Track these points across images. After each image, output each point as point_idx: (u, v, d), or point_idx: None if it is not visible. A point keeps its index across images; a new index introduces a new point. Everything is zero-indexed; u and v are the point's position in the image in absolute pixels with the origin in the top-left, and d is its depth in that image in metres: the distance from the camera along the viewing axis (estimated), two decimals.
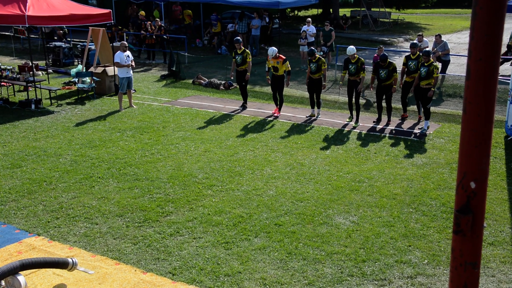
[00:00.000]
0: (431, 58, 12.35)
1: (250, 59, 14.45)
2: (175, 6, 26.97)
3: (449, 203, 8.50)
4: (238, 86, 15.10)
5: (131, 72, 14.55)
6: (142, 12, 23.94)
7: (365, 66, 13.00)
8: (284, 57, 13.82)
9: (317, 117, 13.58)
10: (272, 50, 13.72)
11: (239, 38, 14.91)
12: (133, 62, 14.68)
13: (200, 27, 27.07)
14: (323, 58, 13.47)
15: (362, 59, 12.94)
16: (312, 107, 13.77)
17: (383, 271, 6.54)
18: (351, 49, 12.78)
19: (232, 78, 15.27)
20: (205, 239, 7.31)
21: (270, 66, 13.89)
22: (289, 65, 13.73)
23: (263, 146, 11.34)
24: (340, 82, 13.63)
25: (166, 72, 19.15)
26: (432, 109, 13.44)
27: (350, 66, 12.83)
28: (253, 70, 19.30)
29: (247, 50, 14.54)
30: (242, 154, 10.80)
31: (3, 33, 24.70)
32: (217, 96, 16.19)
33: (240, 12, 24.69)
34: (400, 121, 13.37)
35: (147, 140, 11.63)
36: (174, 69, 18.68)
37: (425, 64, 12.18)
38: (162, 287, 6.17)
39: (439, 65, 12.47)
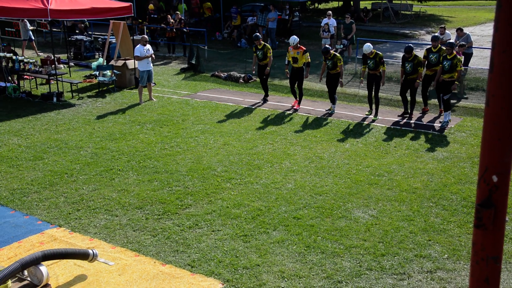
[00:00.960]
0: (454, 51, 12.17)
1: (271, 54, 14.47)
2: None
3: (470, 197, 8.39)
4: (259, 79, 15.13)
5: (151, 65, 14.64)
6: (151, 6, 24.13)
7: (384, 60, 12.85)
8: (305, 48, 13.79)
9: (332, 112, 13.42)
10: (294, 38, 13.77)
11: (258, 34, 14.90)
12: (153, 55, 14.77)
13: (220, 20, 27.07)
14: (338, 55, 13.34)
15: (380, 53, 12.81)
16: (331, 102, 13.69)
17: (402, 265, 6.50)
18: (367, 47, 12.64)
19: (254, 72, 15.31)
20: (224, 231, 7.34)
21: (289, 58, 13.87)
22: (309, 57, 13.70)
23: (282, 139, 11.32)
24: (361, 78, 13.52)
25: (186, 65, 19.22)
26: (454, 102, 13.27)
27: (369, 61, 12.72)
28: (272, 64, 19.29)
29: (267, 45, 14.54)
30: (261, 147, 10.80)
31: None
32: (237, 89, 16.20)
33: (263, 5, 24.63)
34: (421, 114, 13.23)
35: (166, 133, 11.70)
36: (193, 62, 18.73)
37: (448, 57, 11.99)
38: (181, 279, 6.21)
39: (462, 58, 12.31)
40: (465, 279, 6.23)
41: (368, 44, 12.82)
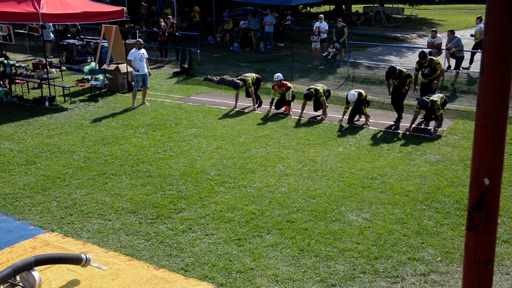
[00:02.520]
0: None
1: (252, 89, 14.15)
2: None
3: (462, 200, 8.43)
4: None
5: (146, 69, 14.60)
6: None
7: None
8: (288, 85, 13.61)
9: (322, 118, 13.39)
10: (277, 75, 13.61)
11: (237, 82, 14.14)
12: (148, 67, 14.69)
13: (212, 24, 27.09)
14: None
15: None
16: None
17: (396, 268, 6.52)
18: (352, 95, 12.43)
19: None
20: (217, 235, 7.33)
21: (275, 97, 13.79)
22: (290, 94, 13.60)
23: (275, 143, 11.33)
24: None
25: (179, 69, 19.21)
26: (446, 105, 13.30)
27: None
28: (264, 67, 19.32)
29: (248, 81, 14.13)
30: (254, 151, 10.81)
31: (18, 31, 24.92)
32: (229, 93, 16.19)
33: (253, 9, 24.67)
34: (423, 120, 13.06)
35: (159, 137, 11.68)
36: (186, 66, 18.73)
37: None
38: (174, 283, 6.20)
39: (443, 97, 12.20)
40: (458, 282, 6.25)
41: (353, 92, 12.59)
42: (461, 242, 7.14)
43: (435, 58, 12.50)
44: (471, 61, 17.94)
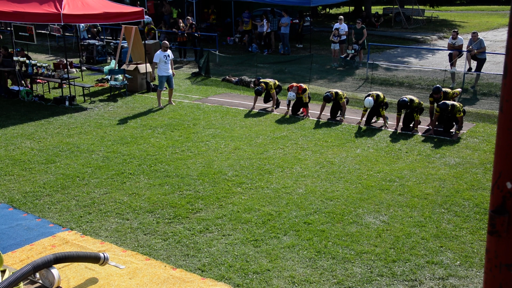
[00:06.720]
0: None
1: (274, 91, 14.17)
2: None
3: (482, 204, 8.32)
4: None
5: (171, 71, 14.67)
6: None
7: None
8: (304, 87, 13.48)
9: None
10: (291, 95, 13.48)
11: (259, 89, 14.06)
12: (173, 67, 14.78)
13: (231, 25, 27.15)
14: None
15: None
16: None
17: (414, 272, 6.46)
18: (368, 102, 12.34)
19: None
20: (234, 236, 7.34)
21: (292, 100, 13.73)
22: (307, 96, 13.49)
23: (293, 144, 11.31)
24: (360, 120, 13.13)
25: (197, 70, 19.29)
26: (466, 108, 13.18)
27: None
28: (283, 68, 19.32)
29: (270, 83, 14.13)
30: (272, 152, 10.80)
31: (40, 31, 25.27)
32: (247, 93, 16.22)
33: (271, 9, 24.67)
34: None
35: (177, 137, 11.74)
36: (201, 65, 18.83)
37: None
38: (191, 283, 6.22)
39: (461, 105, 11.75)
40: (478, 287, 6.17)
41: (369, 98, 12.45)
42: (480, 246, 7.04)
43: (457, 104, 11.71)
44: None
